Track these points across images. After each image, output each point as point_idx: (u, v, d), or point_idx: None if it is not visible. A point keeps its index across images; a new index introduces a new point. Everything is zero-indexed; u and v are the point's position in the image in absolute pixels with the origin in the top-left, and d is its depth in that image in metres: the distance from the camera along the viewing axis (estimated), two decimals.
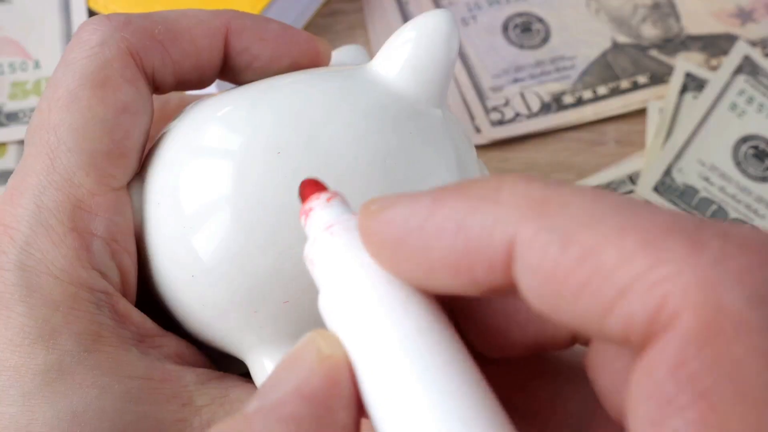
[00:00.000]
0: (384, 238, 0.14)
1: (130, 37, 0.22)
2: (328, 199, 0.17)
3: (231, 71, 0.24)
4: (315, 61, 0.25)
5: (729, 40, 0.43)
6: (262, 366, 0.22)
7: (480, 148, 0.41)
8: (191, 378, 0.21)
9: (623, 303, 0.11)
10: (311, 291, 0.20)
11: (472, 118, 0.41)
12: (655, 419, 0.11)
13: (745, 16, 0.45)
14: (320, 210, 0.17)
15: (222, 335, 0.22)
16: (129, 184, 0.23)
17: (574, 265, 0.12)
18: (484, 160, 0.40)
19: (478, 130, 0.41)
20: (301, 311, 0.21)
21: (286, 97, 0.22)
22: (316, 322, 0.20)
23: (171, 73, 0.23)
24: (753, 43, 0.43)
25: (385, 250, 0.14)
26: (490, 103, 0.41)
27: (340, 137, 0.21)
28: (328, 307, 0.15)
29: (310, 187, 0.17)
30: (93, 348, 0.20)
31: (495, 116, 0.41)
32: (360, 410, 0.14)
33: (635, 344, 0.12)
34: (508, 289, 0.13)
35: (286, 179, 0.21)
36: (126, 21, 0.23)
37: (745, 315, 0.11)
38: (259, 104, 0.22)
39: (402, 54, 0.22)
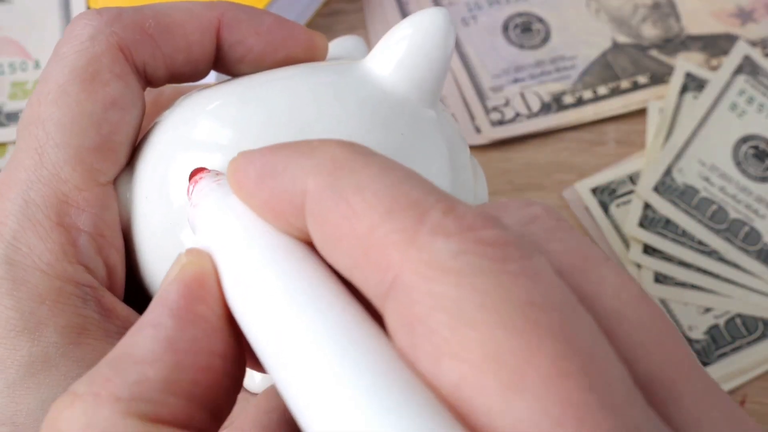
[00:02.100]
0: (233, 179, 0.16)
1: (120, 32, 0.22)
2: (217, 174, 0.19)
3: (224, 63, 0.24)
4: (311, 54, 0.24)
5: (729, 40, 0.43)
6: None
7: (480, 148, 0.41)
8: None
9: (364, 260, 0.14)
10: None
11: (472, 118, 0.41)
12: (414, 368, 0.13)
13: (745, 16, 0.45)
14: (209, 177, 0.19)
15: None
16: (118, 178, 0.23)
17: (338, 220, 0.14)
18: (485, 160, 0.40)
19: (478, 130, 0.41)
20: None
21: (277, 92, 0.22)
22: None
23: (163, 67, 0.23)
24: (753, 43, 0.43)
25: (236, 191, 0.17)
26: (490, 103, 0.41)
27: (329, 135, 0.21)
28: (201, 226, 0.17)
29: (200, 169, 0.20)
30: (78, 341, 0.21)
31: (495, 116, 0.41)
32: (225, 306, 0.16)
33: (373, 301, 0.14)
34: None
35: None
36: (117, 15, 0.23)
37: (449, 263, 0.13)
38: (250, 99, 0.22)
39: (397, 52, 0.22)
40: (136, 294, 0.23)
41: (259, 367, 0.17)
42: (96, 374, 0.15)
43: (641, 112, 0.42)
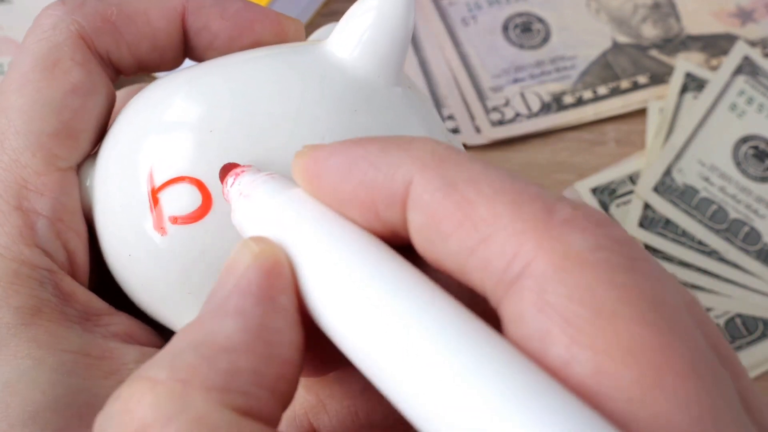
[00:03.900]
0: (309, 172, 0.16)
1: (82, 20, 0.23)
2: (258, 169, 0.19)
3: (194, 50, 0.24)
4: (281, 39, 0.24)
5: (729, 40, 0.43)
6: None
7: (480, 148, 0.41)
8: (133, 356, 0.21)
9: (484, 247, 0.14)
10: None
11: (472, 118, 0.41)
12: (542, 354, 0.13)
13: (745, 16, 0.45)
14: (252, 171, 0.18)
15: (164, 315, 0.23)
16: (82, 164, 0.23)
17: (452, 209, 0.14)
18: (484, 160, 0.40)
19: (478, 130, 0.41)
20: None
21: (226, 74, 0.22)
22: None
23: (128, 55, 0.23)
24: (753, 43, 0.43)
25: (310, 184, 0.16)
26: (490, 103, 0.41)
27: (276, 114, 0.21)
28: (258, 217, 0.17)
29: (233, 164, 0.19)
30: (31, 322, 0.21)
31: (495, 116, 0.41)
32: (298, 295, 0.15)
33: (489, 288, 0.14)
34: (404, 230, 0.15)
35: (217, 158, 0.21)
36: (80, 4, 0.23)
37: (587, 256, 0.13)
38: (200, 82, 0.22)
39: (358, 30, 0.22)
40: (111, 281, 0.23)
41: (310, 372, 0.17)
42: (178, 360, 0.14)
43: (641, 112, 0.42)
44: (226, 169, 0.19)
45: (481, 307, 0.14)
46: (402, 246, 0.16)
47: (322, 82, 0.21)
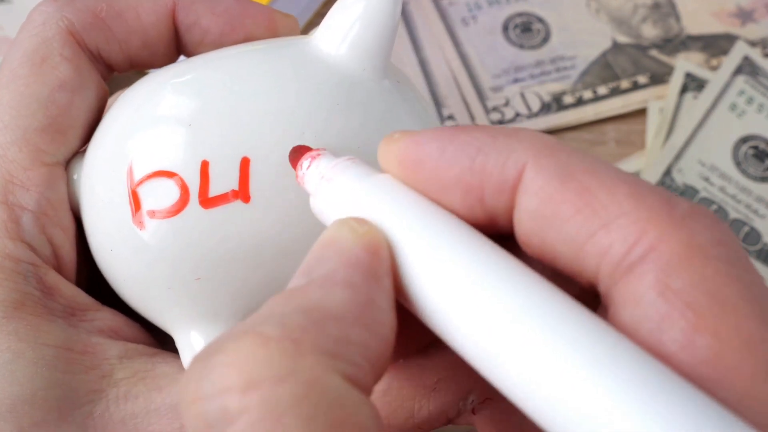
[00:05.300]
0: (407, 157, 0.16)
1: (71, 16, 0.23)
2: (332, 153, 0.18)
3: (185, 47, 0.24)
4: (273, 34, 0.24)
5: (729, 40, 0.43)
6: (188, 341, 0.22)
7: None
8: (115, 352, 0.21)
9: (604, 233, 0.14)
10: (221, 267, 0.21)
11: (472, 118, 0.41)
12: (656, 336, 0.13)
13: (745, 16, 0.44)
14: (328, 155, 0.18)
15: (147, 309, 0.23)
16: (71, 159, 0.23)
17: (570, 196, 0.14)
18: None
19: None
20: (214, 287, 0.21)
21: (209, 69, 0.22)
22: (232, 297, 0.21)
23: (118, 51, 0.24)
24: (753, 43, 0.43)
25: (406, 169, 0.16)
26: (490, 103, 0.41)
27: (259, 108, 0.21)
28: (351, 201, 0.17)
29: (305, 147, 0.19)
30: (13, 315, 0.21)
31: (495, 116, 0.41)
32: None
33: (605, 273, 0.14)
34: (505, 216, 0.15)
35: (196, 153, 0.21)
36: (70, 0, 0.23)
37: (710, 250, 0.13)
38: (182, 78, 0.22)
39: (343, 22, 0.21)
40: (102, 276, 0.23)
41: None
42: (286, 320, 0.14)
43: (641, 112, 0.42)
44: (299, 152, 0.19)
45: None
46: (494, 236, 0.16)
47: (307, 76, 0.21)
